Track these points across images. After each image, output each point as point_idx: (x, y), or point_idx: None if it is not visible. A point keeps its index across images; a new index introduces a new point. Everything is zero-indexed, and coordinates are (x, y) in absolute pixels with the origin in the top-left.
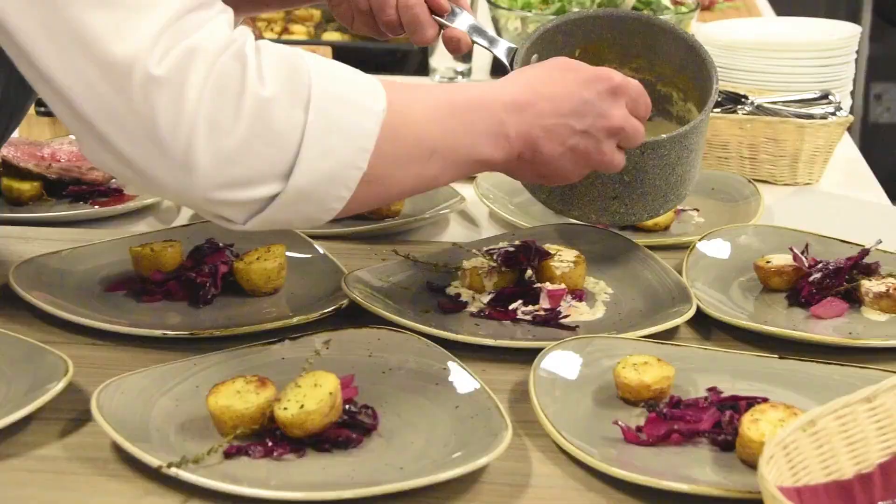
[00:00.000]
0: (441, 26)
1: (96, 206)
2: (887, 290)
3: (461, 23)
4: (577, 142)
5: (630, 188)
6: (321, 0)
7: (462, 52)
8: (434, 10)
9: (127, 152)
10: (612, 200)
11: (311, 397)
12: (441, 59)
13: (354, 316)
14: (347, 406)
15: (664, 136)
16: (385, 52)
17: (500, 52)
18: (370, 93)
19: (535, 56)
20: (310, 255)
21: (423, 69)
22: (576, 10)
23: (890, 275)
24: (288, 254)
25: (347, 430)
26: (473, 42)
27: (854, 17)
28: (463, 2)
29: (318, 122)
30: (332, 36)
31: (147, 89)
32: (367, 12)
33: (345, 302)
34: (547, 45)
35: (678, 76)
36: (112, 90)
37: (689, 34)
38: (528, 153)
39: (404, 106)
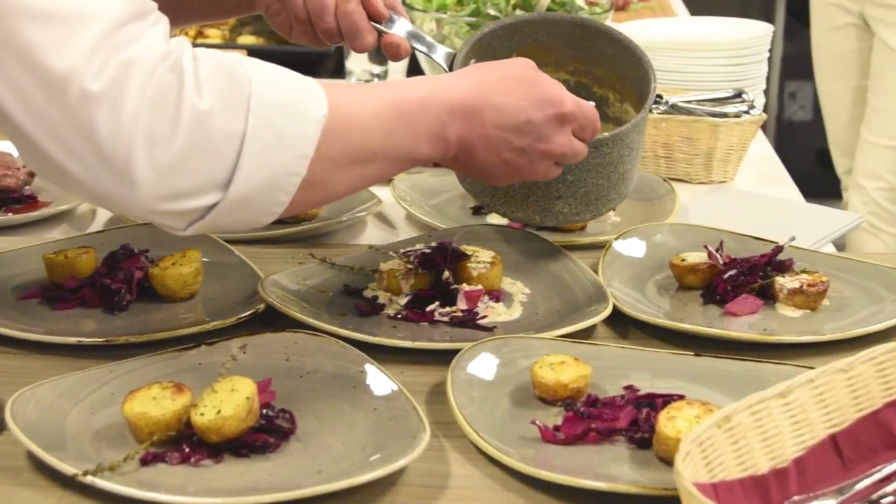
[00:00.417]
0: (379, 33)
1: (9, 214)
2: (801, 287)
3: (399, 29)
4: (511, 157)
5: (573, 188)
6: (257, 11)
7: (402, 58)
8: (372, 17)
9: (66, 165)
10: (556, 201)
11: (227, 402)
12: (357, 61)
13: (271, 320)
14: (265, 410)
15: (606, 134)
16: (300, 55)
17: (439, 57)
18: (311, 99)
19: (472, 60)
20: (226, 260)
21: (339, 72)
22: (491, 11)
23: (804, 271)
24: (204, 259)
25: (265, 434)
26: (412, 48)
27: (768, 17)
28: (400, 8)
29: (258, 131)
30: (247, 39)
31: (84, 104)
32: (305, 21)
33: (261, 306)
34: (484, 49)
35: (614, 78)
36: (49, 105)
37: (626, 36)
38: (463, 156)
39: (347, 110)
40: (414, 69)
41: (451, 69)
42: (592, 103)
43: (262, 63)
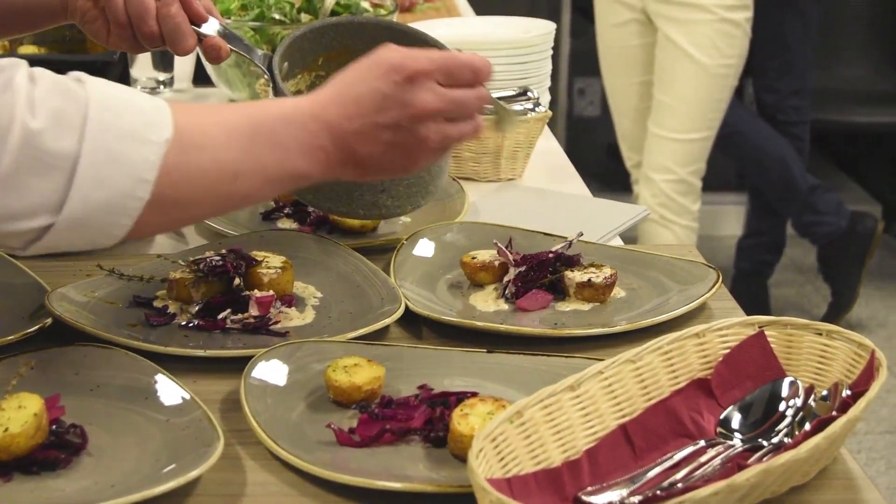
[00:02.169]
0: (199, 36)
1: None
2: (589, 281)
3: (215, 30)
4: (389, 137)
5: (397, 181)
6: (70, 21)
7: (222, 60)
8: (192, 20)
9: None
10: (381, 194)
11: (15, 420)
12: (141, 69)
13: (60, 334)
14: (54, 426)
15: None
16: (84, 64)
17: (256, 58)
18: (153, 123)
19: (286, 64)
20: (10, 274)
21: (124, 79)
22: (276, 16)
23: (592, 265)
24: None
25: (55, 450)
26: (231, 50)
27: (554, 15)
28: (214, 10)
29: (92, 154)
30: (29, 49)
31: None
32: (125, 25)
33: (49, 321)
34: (295, 52)
35: None
36: None
37: (431, 36)
38: (350, 159)
39: (197, 129)
40: (200, 77)
41: (269, 70)
42: (446, 52)
43: (106, 84)
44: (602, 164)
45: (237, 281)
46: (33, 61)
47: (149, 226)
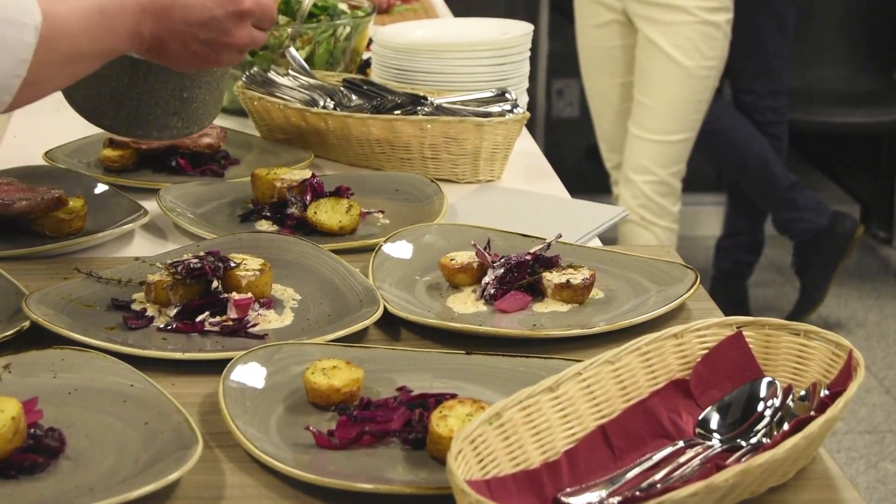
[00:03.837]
0: None
1: None
2: (567, 282)
3: None
4: (198, 49)
5: (187, 104)
6: None
7: None
8: None
9: None
10: (173, 116)
11: None
12: None
13: (38, 337)
14: (32, 430)
15: None
16: None
17: None
18: (26, 9)
19: None
20: None
21: None
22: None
23: (570, 266)
24: None
25: (33, 454)
26: None
27: (532, 16)
28: None
29: None
30: None
31: None
32: None
33: (26, 324)
34: None
35: None
36: None
37: None
38: (155, 49)
39: (60, 17)
40: None
41: None
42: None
43: None
44: (580, 165)
45: (215, 283)
46: None
47: (17, 102)
